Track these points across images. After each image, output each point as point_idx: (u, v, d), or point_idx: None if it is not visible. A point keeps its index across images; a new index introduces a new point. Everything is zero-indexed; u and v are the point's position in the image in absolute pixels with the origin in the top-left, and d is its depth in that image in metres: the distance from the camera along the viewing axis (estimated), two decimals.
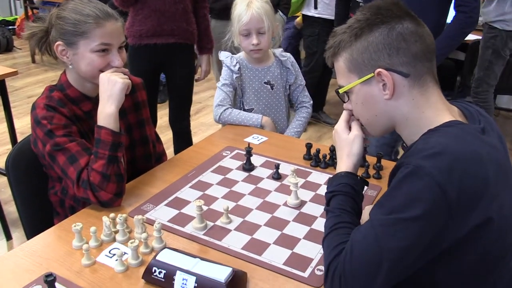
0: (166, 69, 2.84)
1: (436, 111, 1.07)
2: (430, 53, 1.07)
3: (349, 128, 1.25)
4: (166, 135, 3.46)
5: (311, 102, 2.33)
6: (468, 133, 1.01)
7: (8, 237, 2.78)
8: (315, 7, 3.91)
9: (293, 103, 2.34)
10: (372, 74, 1.07)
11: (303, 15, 4.06)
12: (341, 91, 1.15)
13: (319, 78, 4.23)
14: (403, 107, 1.08)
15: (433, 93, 1.08)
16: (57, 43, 1.51)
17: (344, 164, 1.23)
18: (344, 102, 1.20)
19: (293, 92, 2.30)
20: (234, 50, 2.27)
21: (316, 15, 3.95)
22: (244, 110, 2.21)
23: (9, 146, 3.35)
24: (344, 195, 1.15)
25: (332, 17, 3.88)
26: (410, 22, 1.06)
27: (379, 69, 1.06)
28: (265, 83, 2.21)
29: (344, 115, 1.27)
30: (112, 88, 1.50)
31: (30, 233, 1.66)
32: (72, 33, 1.49)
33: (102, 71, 1.53)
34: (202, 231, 1.36)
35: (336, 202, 1.15)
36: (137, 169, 1.74)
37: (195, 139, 3.88)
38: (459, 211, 0.93)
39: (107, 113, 1.49)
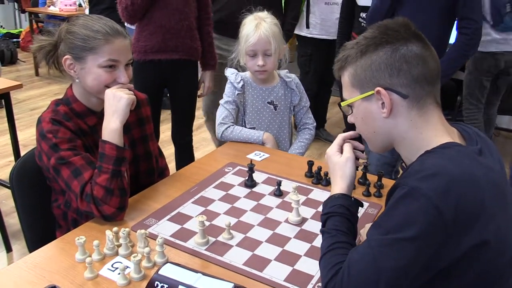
0: (169, 84, 2.86)
1: (434, 132, 1.09)
2: (432, 77, 1.10)
3: (342, 152, 1.28)
4: (168, 150, 3.48)
5: (315, 124, 2.34)
6: (464, 154, 1.03)
7: (8, 249, 2.78)
8: (307, 27, 3.95)
9: (297, 124, 2.35)
10: (372, 92, 1.10)
11: (296, 35, 4.09)
12: (342, 104, 1.19)
13: (315, 97, 4.26)
14: (401, 126, 1.11)
15: (432, 115, 1.10)
16: (66, 57, 1.54)
17: (338, 186, 1.25)
18: (347, 115, 1.22)
19: (297, 113, 2.32)
20: (240, 69, 2.29)
21: (309, 35, 3.98)
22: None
23: (11, 158, 3.37)
24: (339, 216, 1.17)
25: (325, 37, 3.95)
26: (416, 45, 1.09)
27: (378, 88, 1.08)
28: (268, 103, 2.22)
29: (337, 140, 1.32)
30: (117, 103, 1.53)
31: (32, 245, 1.67)
32: (81, 48, 1.52)
33: (108, 86, 1.55)
34: (204, 247, 1.37)
35: (332, 223, 1.17)
36: (140, 184, 1.75)
37: (197, 154, 3.89)
38: (455, 232, 0.95)
39: (111, 128, 1.51)
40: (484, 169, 1.02)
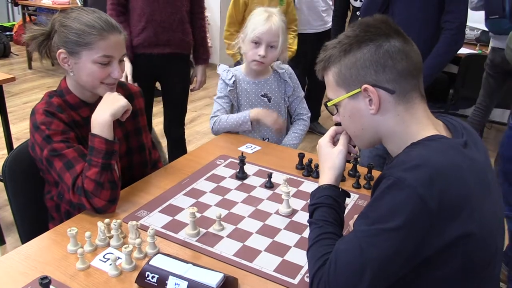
0: (161, 78, 2.87)
1: (420, 125, 1.11)
2: (416, 70, 1.11)
3: (334, 143, 1.30)
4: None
5: (309, 114, 2.36)
6: (450, 146, 1.05)
7: (2, 241, 2.79)
8: None
9: (291, 115, 2.36)
10: (359, 90, 1.11)
11: None
12: (329, 104, 1.20)
13: (308, 91, 4.26)
14: (389, 122, 1.12)
15: (418, 109, 1.12)
16: (60, 51, 1.54)
17: (326, 176, 1.27)
18: (333, 115, 1.23)
19: (291, 104, 2.33)
20: (241, 62, 2.28)
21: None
22: None
23: (5, 151, 3.37)
24: (326, 207, 1.19)
25: (308, 31, 3.93)
26: (398, 40, 1.10)
27: (365, 85, 1.09)
28: (262, 95, 2.23)
29: (330, 131, 1.33)
30: (114, 101, 1.54)
31: (25, 237, 1.68)
32: (76, 43, 1.51)
33: (102, 82, 1.56)
34: (195, 238, 1.39)
35: (319, 214, 1.19)
36: (134, 176, 1.76)
37: (190, 147, 3.91)
38: (440, 221, 0.97)
39: (101, 121, 1.51)
40: (468, 161, 1.03)
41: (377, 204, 1.02)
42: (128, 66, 2.58)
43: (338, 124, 1.25)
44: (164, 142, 3.19)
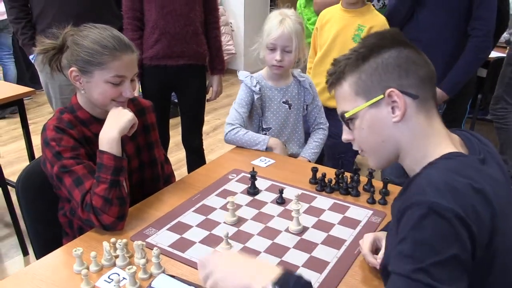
0: (177, 89, 2.88)
1: (439, 139, 1.07)
2: (433, 79, 1.09)
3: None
4: (179, 154, 3.50)
5: (328, 124, 2.33)
6: (468, 165, 1.00)
7: (25, 252, 2.84)
8: None
9: (310, 124, 2.35)
10: (382, 96, 1.07)
11: None
12: (347, 115, 1.12)
13: None
14: (410, 131, 1.07)
15: (436, 120, 1.08)
16: (72, 69, 1.55)
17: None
18: (350, 128, 1.16)
19: (310, 113, 2.31)
20: (260, 63, 2.29)
21: None
22: (263, 129, 2.24)
23: (27, 163, 3.44)
24: None
25: None
26: (413, 50, 1.09)
27: (390, 89, 1.05)
28: (283, 102, 2.23)
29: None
30: (120, 117, 1.55)
31: (39, 253, 1.70)
32: (88, 62, 1.52)
33: (113, 100, 1.58)
34: (233, 224, 1.50)
35: None
36: (146, 191, 1.76)
37: (212, 155, 3.92)
38: (478, 243, 0.93)
39: (109, 138, 1.52)
40: (488, 180, 0.99)
41: (418, 238, 0.92)
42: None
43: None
44: (182, 153, 3.19)
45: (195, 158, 3.04)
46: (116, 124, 1.54)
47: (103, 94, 1.55)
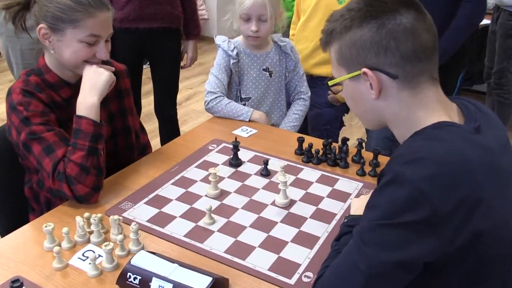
0: (149, 54, 2.80)
1: (428, 111, 1.05)
2: (425, 52, 1.03)
3: None
4: (151, 124, 3.44)
5: (309, 94, 2.29)
6: (457, 135, 0.99)
7: None
8: None
9: (290, 93, 2.31)
10: (359, 72, 1.06)
11: None
12: (330, 83, 1.15)
13: None
14: (392, 107, 1.07)
15: (427, 94, 1.05)
16: (40, 25, 1.47)
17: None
18: (334, 93, 1.18)
19: (291, 80, 2.27)
20: (234, 33, 2.23)
21: None
22: (241, 99, 2.19)
23: None
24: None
25: None
26: (406, 16, 1.02)
27: (364, 69, 1.04)
28: (263, 69, 2.19)
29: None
30: (97, 78, 1.50)
31: (4, 230, 1.65)
32: (60, 19, 1.45)
33: (86, 61, 1.52)
34: (215, 197, 1.49)
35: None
36: (119, 162, 1.72)
37: (185, 127, 3.87)
38: (446, 222, 0.91)
39: (88, 103, 1.48)
40: (479, 151, 0.97)
41: (375, 202, 0.98)
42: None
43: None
44: (155, 123, 3.14)
45: (169, 129, 3.00)
46: (95, 87, 1.49)
47: (75, 55, 1.49)
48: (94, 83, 1.50)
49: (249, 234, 1.35)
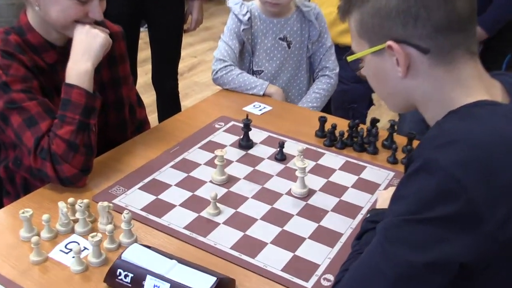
0: (148, 15, 2.79)
1: (465, 90, 1.03)
2: (461, 22, 1.01)
3: None
4: (148, 97, 3.43)
5: (337, 70, 2.26)
6: (499, 114, 0.98)
7: None
8: None
9: (313, 69, 2.28)
10: (383, 45, 1.03)
11: None
12: (349, 58, 1.13)
13: None
14: (423, 87, 1.05)
15: (465, 70, 1.03)
16: None
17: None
18: (354, 71, 1.18)
19: (315, 53, 2.24)
20: None
21: None
22: (253, 72, 2.19)
23: None
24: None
25: None
26: None
27: (389, 42, 1.02)
28: (280, 39, 2.17)
29: None
30: (91, 41, 1.50)
31: None
32: None
33: (76, 21, 1.51)
34: (222, 184, 1.50)
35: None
36: (109, 140, 1.72)
37: (187, 101, 3.87)
38: (486, 216, 0.89)
39: (81, 70, 1.48)
40: None
41: (402, 193, 0.96)
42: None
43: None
44: (152, 96, 3.13)
45: (169, 103, 3.00)
46: (88, 51, 1.49)
47: (64, 13, 1.48)
48: (88, 47, 1.49)
49: (260, 228, 1.35)
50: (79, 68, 1.48)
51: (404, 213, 0.93)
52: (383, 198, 1.35)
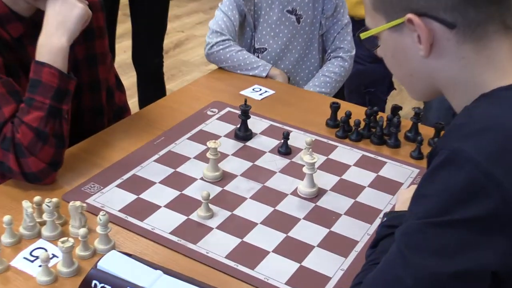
0: None
1: (498, 72, 1.03)
2: None
3: None
4: (127, 79, 3.43)
5: (353, 52, 2.28)
6: None
7: None
8: None
9: (326, 48, 2.30)
10: (402, 20, 1.04)
11: None
12: (363, 35, 1.13)
13: None
14: (448, 68, 1.05)
15: (498, 48, 1.04)
16: None
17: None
18: (370, 50, 1.18)
19: (328, 31, 2.25)
20: None
21: None
22: (254, 50, 2.20)
23: None
24: None
25: None
26: None
27: (409, 15, 1.02)
28: (288, 11, 2.19)
29: None
30: (67, 13, 1.50)
31: None
32: None
33: None
34: (215, 181, 1.51)
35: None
36: (83, 129, 1.73)
37: (173, 84, 3.88)
38: None
39: (54, 46, 1.48)
40: None
41: (424, 192, 0.96)
42: None
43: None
44: (133, 77, 3.14)
45: (152, 85, 3.02)
46: (63, 24, 1.49)
47: None
48: (63, 19, 1.49)
49: (260, 233, 1.36)
50: (52, 44, 1.48)
51: (427, 215, 0.94)
52: (403, 199, 1.35)
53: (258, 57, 2.17)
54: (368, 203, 1.47)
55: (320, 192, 1.50)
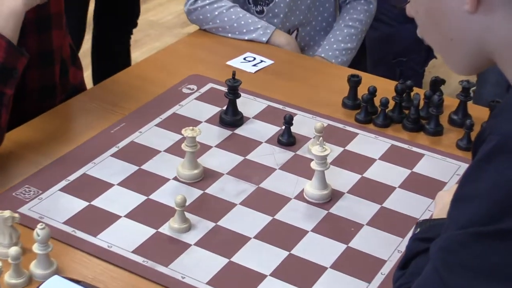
0: None
1: None
2: None
3: None
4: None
5: None
6: None
7: None
8: None
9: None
10: None
11: None
12: None
13: None
14: (502, 26, 1.06)
15: None
16: None
17: None
18: (397, 6, 1.18)
19: None
20: None
21: None
22: (256, 1, 2.23)
23: None
24: None
25: None
26: None
27: None
28: None
29: None
30: None
31: None
32: None
33: None
34: (193, 181, 1.53)
35: None
36: (28, 113, 1.76)
37: (139, 52, 3.90)
38: None
39: (6, 9, 1.50)
40: None
41: (469, 191, 0.97)
42: None
43: None
44: (85, 43, 3.15)
45: (110, 53, 3.11)
46: None
47: None
48: None
49: (254, 252, 1.36)
50: (4, 6, 1.50)
51: (472, 222, 0.94)
52: (443, 203, 1.35)
53: (262, 11, 2.20)
54: (398, 210, 1.48)
55: (334, 196, 1.50)
